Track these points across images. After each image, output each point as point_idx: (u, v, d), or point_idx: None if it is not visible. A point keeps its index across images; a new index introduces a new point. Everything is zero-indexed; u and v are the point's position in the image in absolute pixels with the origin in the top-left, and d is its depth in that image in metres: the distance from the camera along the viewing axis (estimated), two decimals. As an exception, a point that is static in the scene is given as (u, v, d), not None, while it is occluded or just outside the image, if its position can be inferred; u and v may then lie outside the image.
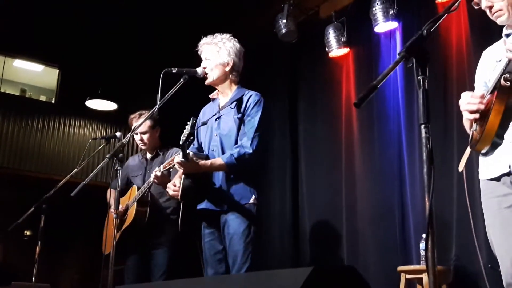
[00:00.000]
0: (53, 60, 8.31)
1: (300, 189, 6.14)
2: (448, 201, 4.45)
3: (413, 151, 4.88)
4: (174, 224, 4.19)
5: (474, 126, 2.36)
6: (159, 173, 3.70)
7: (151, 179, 3.80)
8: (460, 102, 2.31)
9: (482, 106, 2.24)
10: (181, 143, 2.96)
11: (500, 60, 2.33)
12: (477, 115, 2.26)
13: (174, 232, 4.16)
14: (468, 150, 2.53)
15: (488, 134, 2.25)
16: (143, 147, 4.37)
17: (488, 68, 2.47)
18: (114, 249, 3.14)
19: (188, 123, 2.97)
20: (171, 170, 3.99)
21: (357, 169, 5.50)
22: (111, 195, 4.39)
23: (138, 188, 4.15)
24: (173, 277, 4.00)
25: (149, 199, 4.12)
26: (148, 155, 4.39)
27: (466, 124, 2.49)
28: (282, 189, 6.31)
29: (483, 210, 2.48)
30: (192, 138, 2.96)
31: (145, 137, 4.29)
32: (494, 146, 2.31)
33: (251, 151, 3.10)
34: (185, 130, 2.96)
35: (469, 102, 2.27)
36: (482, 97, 2.27)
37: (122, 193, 4.33)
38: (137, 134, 4.30)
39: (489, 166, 2.38)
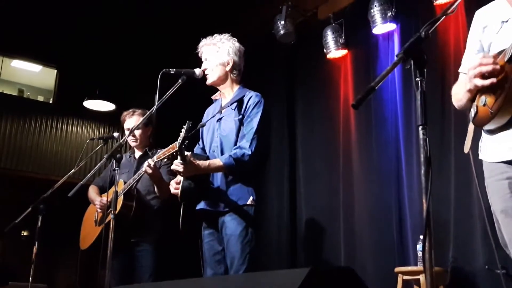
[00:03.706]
0: (51, 60, 8.32)
1: (298, 190, 6.15)
2: (446, 202, 4.46)
3: (411, 153, 4.89)
4: (159, 223, 4.17)
5: (483, 99, 2.00)
6: (152, 163, 3.68)
7: (143, 169, 3.78)
8: (469, 67, 1.97)
9: (498, 67, 1.92)
10: (177, 146, 2.96)
11: (507, 21, 2.08)
12: (494, 80, 1.92)
13: (158, 231, 4.14)
14: (471, 128, 2.17)
15: (508, 108, 1.92)
16: (133, 143, 4.30)
17: (489, 31, 2.20)
18: (111, 250, 3.12)
19: (183, 126, 2.97)
20: (162, 164, 3.97)
21: (354, 170, 5.51)
22: (95, 191, 4.34)
23: (125, 183, 4.09)
24: (161, 277, 3.97)
25: (135, 193, 4.07)
26: (137, 154, 4.35)
27: (463, 95, 2.11)
28: (280, 191, 6.31)
29: (487, 194, 2.16)
30: (187, 142, 2.96)
31: (137, 132, 4.25)
32: (510, 123, 1.99)
33: (249, 152, 3.08)
34: (181, 134, 2.96)
35: (481, 63, 1.94)
36: (495, 57, 1.95)
37: (105, 190, 4.29)
38: (128, 129, 4.28)
39: (499, 147, 2.08)
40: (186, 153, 2.99)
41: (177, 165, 3.03)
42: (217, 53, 3.34)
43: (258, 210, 3.15)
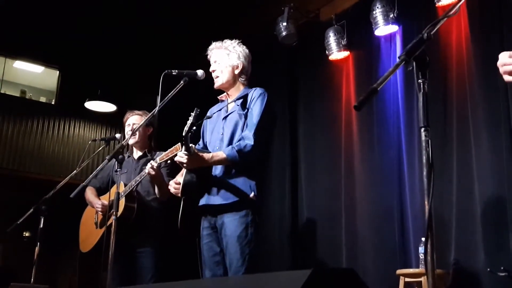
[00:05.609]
0: (53, 61, 8.34)
1: (300, 192, 6.14)
2: (448, 204, 4.45)
3: (413, 154, 4.88)
4: (160, 224, 4.15)
5: None
6: (155, 164, 3.68)
7: (146, 171, 3.77)
8: (498, 64, 1.99)
9: None
10: (183, 134, 2.91)
11: None
12: None
13: (159, 232, 4.13)
14: None
15: None
16: (131, 140, 4.21)
17: None
18: (113, 252, 3.12)
19: (191, 113, 2.95)
20: (162, 166, 3.96)
21: (356, 172, 5.50)
22: (93, 193, 4.31)
23: (125, 185, 4.07)
24: (163, 278, 3.97)
25: (136, 195, 4.06)
26: (135, 155, 4.32)
27: None
28: (282, 192, 6.30)
29: None
30: (195, 128, 2.94)
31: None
32: None
33: (252, 142, 3.06)
34: (188, 121, 2.93)
35: (504, 63, 1.95)
36: None
37: (103, 191, 4.31)
38: (129, 125, 4.27)
39: None
40: (190, 144, 2.97)
41: (181, 156, 3.01)
42: (228, 56, 3.34)
43: (259, 211, 3.14)
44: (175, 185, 3.21)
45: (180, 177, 3.21)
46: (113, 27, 7.32)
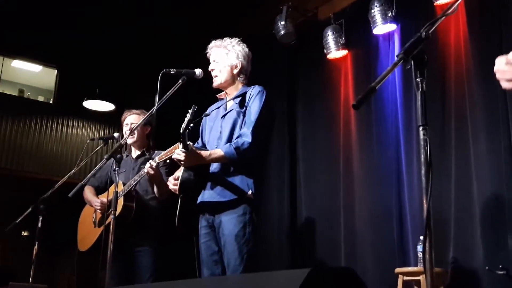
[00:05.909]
0: (51, 60, 8.33)
1: (298, 191, 6.14)
2: (446, 203, 4.45)
3: (411, 153, 4.88)
4: (159, 223, 4.15)
5: None
6: (154, 164, 3.68)
7: (144, 171, 3.77)
8: (494, 69, 1.91)
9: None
10: (181, 131, 2.91)
11: None
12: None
13: (158, 231, 4.12)
14: None
15: None
16: (130, 139, 4.19)
17: None
18: (111, 250, 3.11)
19: (189, 110, 2.94)
20: (161, 165, 3.95)
21: (355, 171, 5.51)
22: (92, 192, 4.30)
23: (124, 184, 4.06)
24: (161, 277, 3.96)
25: (134, 194, 4.06)
26: (134, 154, 4.32)
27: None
28: (280, 191, 6.30)
29: None
30: (192, 125, 2.93)
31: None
32: None
33: (250, 140, 3.05)
34: (185, 118, 2.92)
35: (501, 70, 1.87)
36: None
37: (101, 190, 4.30)
38: (127, 124, 4.27)
39: None
40: (188, 142, 2.96)
41: (178, 153, 3.01)
42: (226, 55, 3.32)
43: (257, 210, 3.12)
44: (174, 181, 3.20)
45: (179, 172, 3.20)
46: (112, 27, 7.31)
